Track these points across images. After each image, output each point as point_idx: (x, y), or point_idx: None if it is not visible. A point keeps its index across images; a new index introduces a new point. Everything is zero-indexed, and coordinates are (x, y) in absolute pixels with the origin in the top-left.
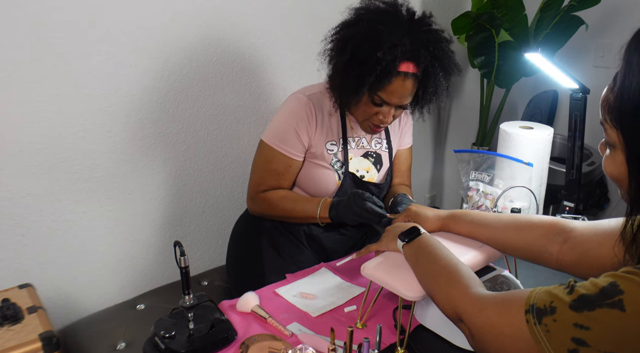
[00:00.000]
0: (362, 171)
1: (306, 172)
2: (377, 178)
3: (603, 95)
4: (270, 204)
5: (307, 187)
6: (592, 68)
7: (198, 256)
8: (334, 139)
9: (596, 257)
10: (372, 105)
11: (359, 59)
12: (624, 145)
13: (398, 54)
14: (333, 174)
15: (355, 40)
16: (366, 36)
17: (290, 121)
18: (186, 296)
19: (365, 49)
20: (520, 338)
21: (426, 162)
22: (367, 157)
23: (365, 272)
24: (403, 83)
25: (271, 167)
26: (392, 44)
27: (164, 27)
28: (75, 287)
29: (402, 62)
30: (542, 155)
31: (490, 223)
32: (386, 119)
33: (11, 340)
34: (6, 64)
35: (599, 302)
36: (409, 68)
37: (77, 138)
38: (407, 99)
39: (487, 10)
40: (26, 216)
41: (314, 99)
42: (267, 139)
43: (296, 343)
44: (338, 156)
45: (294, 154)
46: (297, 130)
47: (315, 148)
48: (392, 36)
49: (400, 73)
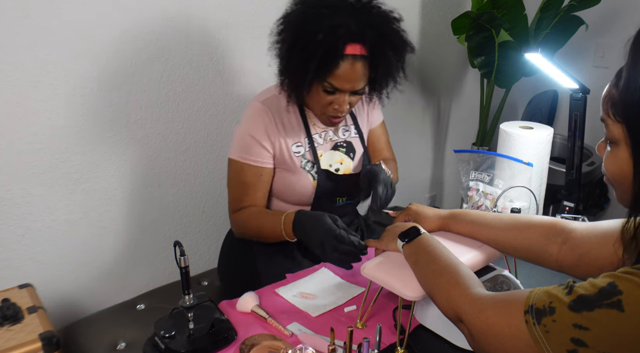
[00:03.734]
0: (335, 164)
1: (280, 181)
2: (352, 167)
3: (605, 91)
4: (242, 224)
5: (284, 195)
6: (592, 68)
7: (198, 256)
8: (299, 140)
9: (596, 258)
10: (325, 95)
11: (301, 44)
12: (629, 140)
13: (341, 35)
14: (306, 176)
15: (295, 25)
16: (306, 20)
17: (249, 131)
18: (186, 296)
19: (306, 32)
20: (520, 338)
21: (426, 162)
22: (337, 149)
23: (365, 272)
24: (352, 66)
25: (242, 179)
26: (334, 25)
27: (164, 27)
28: (75, 287)
29: (347, 44)
30: (542, 155)
31: (490, 223)
32: (342, 107)
33: (11, 340)
34: (6, 64)
35: (598, 303)
36: (355, 50)
37: (77, 138)
38: (360, 83)
39: (487, 10)
40: (26, 216)
41: (269, 103)
42: (232, 155)
43: (296, 343)
44: (307, 156)
45: (261, 161)
46: (257, 139)
47: (282, 153)
48: (334, 18)
49: (347, 56)
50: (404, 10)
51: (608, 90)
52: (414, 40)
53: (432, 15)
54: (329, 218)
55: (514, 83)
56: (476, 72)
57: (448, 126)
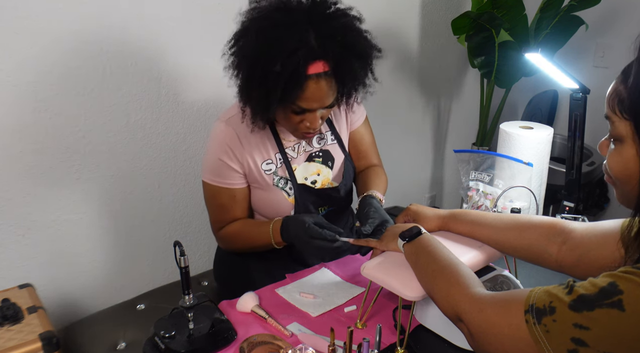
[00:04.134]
0: (311, 177)
1: (255, 199)
2: (332, 177)
3: (611, 88)
4: (231, 241)
5: (264, 212)
6: (592, 68)
7: (198, 256)
8: (269, 157)
9: (596, 258)
10: (293, 115)
11: (258, 77)
12: (636, 137)
13: (300, 58)
14: (280, 193)
15: (249, 56)
16: (259, 49)
17: (215, 153)
18: (186, 296)
19: (262, 61)
20: (520, 338)
21: (426, 162)
22: (312, 160)
23: (365, 272)
24: (317, 85)
25: (217, 202)
26: (291, 50)
27: (164, 27)
28: (75, 287)
29: (309, 64)
30: (542, 155)
31: (491, 223)
32: (313, 125)
33: (11, 340)
34: (6, 64)
35: (599, 302)
36: (318, 68)
37: (77, 138)
38: (329, 99)
39: (487, 10)
40: (26, 216)
41: (233, 123)
42: (204, 177)
43: (296, 343)
44: (279, 173)
45: (232, 183)
46: (225, 161)
47: (251, 172)
48: (290, 39)
49: (311, 76)
50: (404, 10)
51: (614, 87)
52: (414, 40)
53: (432, 15)
54: (307, 216)
55: (514, 83)
56: (476, 72)
57: (448, 126)
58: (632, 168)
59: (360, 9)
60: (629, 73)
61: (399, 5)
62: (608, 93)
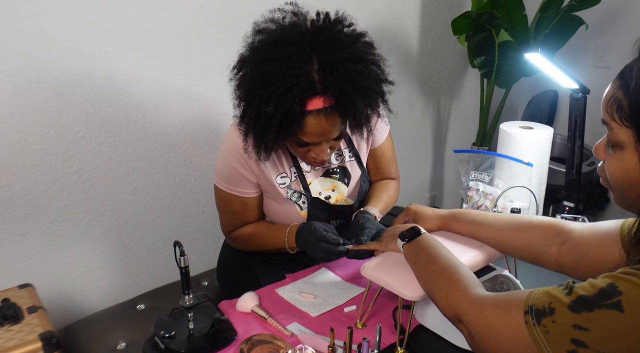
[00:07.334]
0: (326, 192)
1: (267, 207)
2: (347, 193)
3: (608, 93)
4: (243, 243)
5: (275, 220)
6: (592, 68)
7: (198, 256)
8: (284, 171)
9: (595, 259)
10: (298, 147)
11: (253, 115)
12: (639, 144)
13: (296, 96)
14: (292, 207)
15: (244, 92)
16: (254, 85)
17: (229, 160)
18: (186, 296)
19: (255, 102)
20: (519, 339)
21: (426, 162)
22: (329, 176)
23: (365, 272)
24: (317, 121)
25: (229, 208)
26: (286, 88)
27: (164, 27)
28: (75, 287)
29: (308, 100)
30: (542, 155)
31: (490, 223)
32: (320, 156)
33: (11, 340)
34: (6, 64)
35: (598, 303)
36: (318, 104)
37: (77, 138)
38: (334, 133)
39: (487, 10)
40: (26, 216)
41: None
42: (216, 182)
43: (296, 343)
44: (293, 187)
45: (245, 192)
46: (239, 171)
47: (265, 184)
48: (287, 75)
49: (310, 112)
50: (404, 11)
51: (612, 93)
52: (414, 40)
53: (432, 15)
54: (319, 224)
55: (514, 83)
56: (476, 72)
57: (448, 126)
58: (633, 175)
59: (360, 9)
60: (627, 78)
61: (399, 5)
62: (605, 98)
